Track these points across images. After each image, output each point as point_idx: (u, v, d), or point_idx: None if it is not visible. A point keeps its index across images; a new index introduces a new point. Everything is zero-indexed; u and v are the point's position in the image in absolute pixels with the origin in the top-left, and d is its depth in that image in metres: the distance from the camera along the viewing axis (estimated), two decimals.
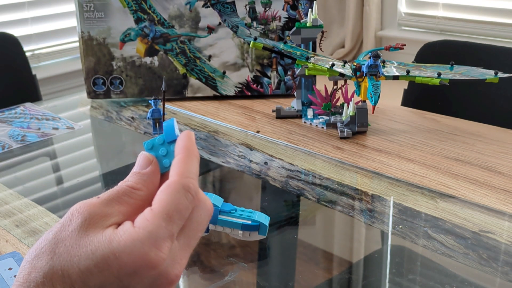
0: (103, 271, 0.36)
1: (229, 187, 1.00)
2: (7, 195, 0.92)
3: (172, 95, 1.31)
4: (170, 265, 0.38)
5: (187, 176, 0.39)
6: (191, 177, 0.39)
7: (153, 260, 0.36)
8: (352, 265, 0.76)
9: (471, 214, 0.82)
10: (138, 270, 0.36)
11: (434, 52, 1.41)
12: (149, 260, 0.36)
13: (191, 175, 0.40)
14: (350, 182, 0.92)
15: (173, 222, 0.38)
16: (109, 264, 0.36)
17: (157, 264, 0.37)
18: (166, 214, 0.38)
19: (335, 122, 1.12)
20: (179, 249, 0.39)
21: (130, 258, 0.36)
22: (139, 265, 0.36)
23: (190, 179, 0.39)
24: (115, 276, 0.36)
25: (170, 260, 0.38)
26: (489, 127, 1.12)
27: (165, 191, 0.39)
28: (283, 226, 0.84)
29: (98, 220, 0.38)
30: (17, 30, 2.26)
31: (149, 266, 0.36)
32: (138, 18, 1.26)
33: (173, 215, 0.38)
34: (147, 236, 0.37)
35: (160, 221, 0.37)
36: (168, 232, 0.37)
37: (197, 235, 0.40)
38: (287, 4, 1.27)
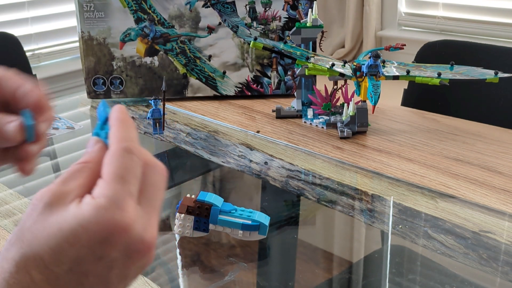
0: (74, 244, 0.36)
1: (229, 187, 1.00)
2: (7, 195, 0.92)
3: (172, 95, 1.31)
4: (141, 229, 0.38)
5: (126, 140, 0.40)
6: (130, 141, 0.40)
7: (120, 223, 0.36)
8: (352, 265, 0.76)
9: (471, 214, 0.82)
10: (108, 236, 0.36)
11: (434, 52, 1.41)
12: (116, 223, 0.36)
13: (129, 139, 0.40)
14: (350, 182, 0.92)
15: (127, 182, 0.38)
16: (78, 236, 0.36)
17: (127, 226, 0.36)
18: (118, 177, 0.38)
19: (335, 122, 1.12)
20: (144, 212, 0.39)
21: (98, 226, 0.36)
22: (108, 231, 0.36)
23: (130, 142, 0.40)
24: (87, 247, 0.36)
25: (139, 224, 0.38)
26: (489, 127, 1.12)
27: (109, 159, 0.39)
28: (283, 226, 0.84)
29: (59, 199, 0.38)
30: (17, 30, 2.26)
31: (118, 229, 0.36)
32: (138, 18, 1.26)
33: (124, 175, 0.38)
34: (108, 201, 0.37)
35: (114, 185, 0.37)
36: (126, 192, 0.37)
37: (158, 197, 0.40)
38: (287, 4, 1.27)
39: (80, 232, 0.36)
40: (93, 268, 0.36)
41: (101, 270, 0.37)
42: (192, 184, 1.00)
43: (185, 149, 1.08)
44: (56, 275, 0.36)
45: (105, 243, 0.36)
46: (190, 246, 0.77)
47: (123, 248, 0.37)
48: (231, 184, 1.00)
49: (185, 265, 0.75)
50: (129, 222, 0.37)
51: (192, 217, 0.74)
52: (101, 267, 0.37)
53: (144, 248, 0.38)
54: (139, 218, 0.38)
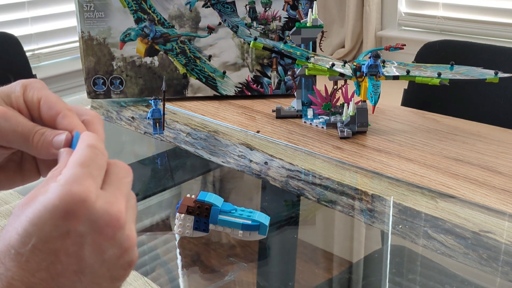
0: (38, 224, 0.36)
1: (229, 187, 1.00)
2: (7, 195, 0.92)
3: (172, 95, 1.31)
4: (104, 202, 0.38)
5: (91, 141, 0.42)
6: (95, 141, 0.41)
7: (78, 193, 0.36)
8: (352, 265, 0.76)
9: (471, 214, 0.82)
10: (68, 209, 0.36)
11: (434, 52, 1.41)
12: (73, 194, 0.36)
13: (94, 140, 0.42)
14: (350, 182, 0.92)
15: (87, 166, 0.39)
16: (41, 216, 0.36)
17: (85, 197, 0.36)
18: (78, 162, 0.39)
19: (335, 122, 1.12)
20: (108, 192, 0.39)
21: (57, 201, 0.36)
22: (66, 203, 0.36)
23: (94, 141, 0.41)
24: (50, 224, 0.36)
25: (101, 197, 0.38)
26: (489, 127, 1.12)
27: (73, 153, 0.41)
28: (283, 226, 0.84)
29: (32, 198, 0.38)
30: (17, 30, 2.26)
31: (76, 200, 0.36)
32: (138, 18, 1.26)
33: (85, 162, 0.39)
34: (66, 178, 0.37)
35: (74, 167, 0.38)
36: (86, 173, 0.38)
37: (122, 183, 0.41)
38: (287, 4, 1.27)
39: (42, 211, 0.36)
40: (62, 245, 0.36)
41: (71, 247, 0.36)
42: (192, 184, 1.00)
43: (185, 149, 1.08)
44: (26, 258, 0.36)
45: (67, 217, 0.36)
46: (190, 246, 0.77)
47: (88, 220, 0.37)
48: (231, 184, 1.00)
49: (185, 265, 0.75)
50: (86, 193, 0.37)
51: (192, 217, 0.74)
52: (71, 243, 0.36)
53: (112, 220, 0.37)
54: (101, 193, 0.38)
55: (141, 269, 0.73)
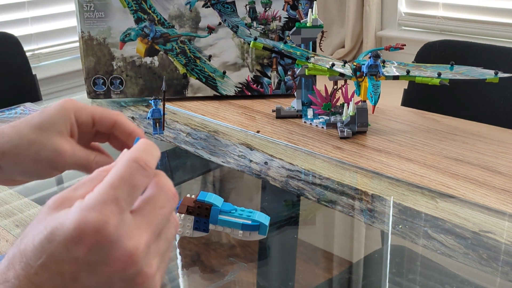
0: (52, 242, 0.36)
1: (229, 187, 1.00)
2: (7, 195, 0.92)
3: (172, 95, 1.31)
4: (122, 234, 0.36)
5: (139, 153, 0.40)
6: (143, 154, 0.40)
7: (93, 222, 0.35)
8: (352, 265, 0.76)
9: (471, 214, 0.82)
10: (81, 236, 0.35)
11: (434, 52, 1.41)
12: (88, 222, 0.35)
13: (143, 153, 0.40)
14: (350, 182, 0.92)
15: (117, 188, 0.37)
16: (56, 233, 0.36)
17: (99, 226, 0.35)
18: (110, 183, 0.37)
19: (335, 122, 1.12)
20: (133, 222, 0.37)
21: (72, 224, 0.35)
22: (80, 229, 0.35)
23: (142, 155, 0.39)
24: (63, 245, 0.36)
25: (120, 229, 0.36)
26: (489, 127, 1.12)
27: (115, 166, 0.39)
28: (283, 226, 0.84)
29: (61, 204, 0.38)
30: (17, 30, 2.26)
31: (90, 228, 0.35)
32: (138, 18, 1.26)
33: (117, 182, 0.37)
34: (89, 202, 0.36)
35: (103, 189, 0.37)
36: (111, 196, 0.36)
37: (155, 214, 0.39)
38: (287, 4, 1.27)
39: (58, 229, 0.36)
40: (69, 269, 0.36)
41: (78, 272, 0.36)
42: (192, 184, 1.00)
43: (185, 149, 1.08)
44: (35, 271, 0.36)
45: (78, 242, 0.35)
46: (190, 246, 0.77)
47: (99, 249, 0.36)
48: (231, 184, 1.00)
49: (185, 265, 0.75)
50: (102, 223, 0.35)
51: (192, 217, 0.74)
52: (78, 269, 0.36)
53: (124, 256, 0.36)
54: (123, 223, 0.37)
55: None
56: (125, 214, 0.37)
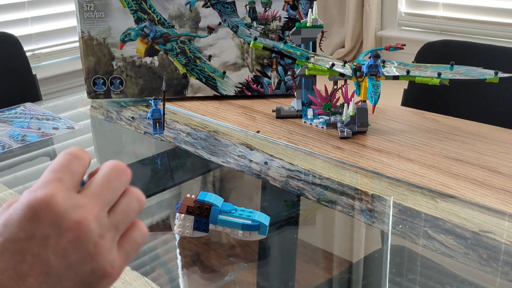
0: (8, 226, 0.38)
1: (229, 187, 1.00)
2: (7, 195, 0.92)
3: (172, 95, 1.31)
4: (69, 205, 0.39)
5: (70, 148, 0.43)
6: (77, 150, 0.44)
7: (41, 196, 0.38)
8: (352, 265, 0.76)
9: (471, 214, 0.82)
10: (33, 212, 0.38)
11: (434, 52, 1.41)
12: (36, 197, 0.38)
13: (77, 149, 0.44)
14: (350, 182, 0.92)
15: (58, 171, 0.41)
16: (10, 218, 0.38)
17: (47, 199, 0.38)
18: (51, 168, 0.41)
19: (335, 122, 1.12)
20: (80, 196, 0.40)
21: (23, 205, 0.38)
22: (31, 206, 0.38)
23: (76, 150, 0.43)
24: (18, 226, 0.38)
25: (67, 200, 0.39)
26: (489, 127, 1.12)
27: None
28: (283, 226, 0.84)
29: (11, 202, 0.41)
30: (17, 30, 2.26)
31: (39, 202, 0.38)
32: (138, 18, 1.26)
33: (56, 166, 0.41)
34: (34, 185, 0.40)
35: (45, 173, 0.41)
36: (54, 177, 0.40)
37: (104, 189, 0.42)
38: (287, 4, 1.27)
39: (12, 214, 0.38)
40: (27, 246, 0.37)
41: (36, 248, 0.38)
42: (192, 184, 1.00)
43: (185, 149, 1.08)
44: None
45: (32, 219, 0.38)
46: (190, 246, 0.77)
47: (51, 222, 0.38)
48: (231, 184, 1.00)
49: (185, 265, 0.75)
50: (49, 196, 0.38)
51: (192, 217, 0.74)
52: (36, 245, 0.38)
53: (73, 224, 0.38)
54: (70, 197, 0.39)
55: (141, 269, 0.73)
56: (70, 191, 0.40)
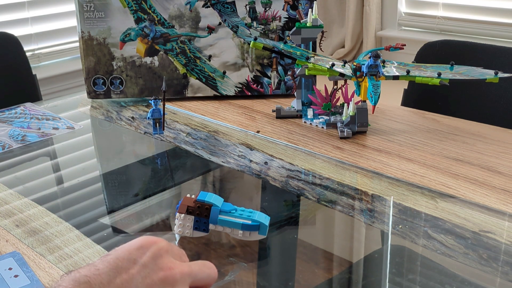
0: (117, 250, 0.50)
1: (229, 187, 1.00)
2: (7, 195, 0.92)
3: (172, 95, 1.31)
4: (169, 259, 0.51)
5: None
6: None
7: (151, 238, 0.51)
8: (352, 265, 0.76)
9: (471, 214, 0.82)
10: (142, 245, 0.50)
11: (434, 52, 1.41)
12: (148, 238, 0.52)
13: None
14: (350, 182, 0.93)
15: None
16: (121, 247, 0.50)
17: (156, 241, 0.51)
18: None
19: (335, 122, 1.12)
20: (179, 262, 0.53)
21: (135, 241, 0.51)
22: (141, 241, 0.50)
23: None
24: (125, 251, 0.49)
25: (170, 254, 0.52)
26: (489, 127, 1.12)
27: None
28: (283, 226, 0.84)
29: None
30: (17, 30, 2.26)
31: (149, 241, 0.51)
32: (138, 18, 1.26)
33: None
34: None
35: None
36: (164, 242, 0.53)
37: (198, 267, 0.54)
38: (287, 4, 1.27)
39: (128, 243, 0.50)
40: (127, 266, 0.48)
41: (133, 270, 0.48)
42: (192, 184, 1.00)
43: (185, 149, 1.08)
44: (97, 267, 0.47)
45: (140, 248, 0.49)
46: (190, 246, 0.77)
47: (152, 257, 0.49)
48: (231, 184, 1.00)
49: None
50: (159, 240, 0.51)
51: (192, 217, 0.74)
52: (134, 268, 0.48)
53: (166, 268, 0.49)
54: (172, 254, 0.52)
55: None
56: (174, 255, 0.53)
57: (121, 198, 0.93)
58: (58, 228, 0.81)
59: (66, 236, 0.79)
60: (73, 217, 0.85)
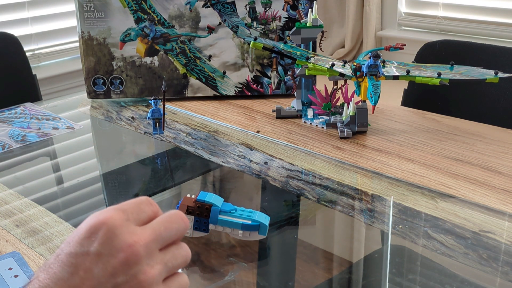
0: (69, 242, 0.43)
1: (229, 187, 1.00)
2: (7, 195, 0.92)
3: (172, 95, 1.31)
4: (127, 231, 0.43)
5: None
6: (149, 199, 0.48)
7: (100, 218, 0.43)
8: (352, 265, 0.76)
9: (471, 214, 0.82)
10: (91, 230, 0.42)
11: (434, 52, 1.41)
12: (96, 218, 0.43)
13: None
14: (350, 182, 0.92)
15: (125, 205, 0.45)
16: (72, 236, 0.43)
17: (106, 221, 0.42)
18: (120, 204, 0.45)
19: (335, 122, 1.12)
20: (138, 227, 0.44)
21: (84, 224, 0.43)
22: (90, 225, 0.43)
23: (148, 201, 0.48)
24: (77, 242, 0.43)
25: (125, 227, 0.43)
26: (489, 127, 1.12)
27: None
28: (283, 226, 0.84)
29: None
30: (17, 30, 2.26)
31: (99, 223, 0.42)
32: (138, 18, 1.26)
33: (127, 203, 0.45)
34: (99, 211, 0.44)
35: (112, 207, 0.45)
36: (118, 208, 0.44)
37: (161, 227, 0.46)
38: (287, 4, 1.27)
39: (74, 232, 0.44)
40: (81, 261, 0.42)
41: (89, 263, 0.42)
42: (192, 184, 1.00)
43: (185, 149, 1.08)
44: (53, 269, 0.42)
45: (89, 236, 0.42)
46: (190, 246, 0.76)
47: (106, 241, 0.42)
48: (231, 184, 1.00)
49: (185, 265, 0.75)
50: (108, 218, 0.43)
51: (192, 217, 0.74)
52: (89, 260, 0.42)
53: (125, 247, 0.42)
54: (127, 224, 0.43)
55: None
56: (130, 221, 0.44)
57: (121, 198, 0.93)
58: (58, 228, 0.81)
59: (66, 236, 0.79)
60: (73, 217, 0.85)
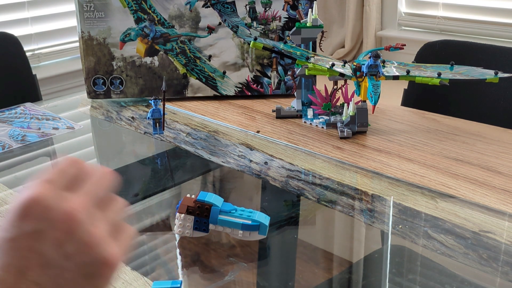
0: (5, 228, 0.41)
1: (229, 187, 1.00)
2: (7, 195, 0.92)
3: (172, 95, 1.31)
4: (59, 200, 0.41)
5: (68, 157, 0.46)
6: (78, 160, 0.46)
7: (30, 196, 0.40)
8: (352, 265, 0.76)
9: (471, 214, 0.82)
10: (23, 210, 0.40)
11: (434, 52, 1.41)
12: (25, 198, 0.40)
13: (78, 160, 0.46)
14: (350, 182, 0.92)
15: (48, 174, 0.43)
16: (6, 220, 0.41)
17: (36, 198, 0.40)
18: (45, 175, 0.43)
19: (335, 122, 1.12)
20: (69, 193, 0.42)
21: (14, 206, 0.41)
22: (20, 206, 0.40)
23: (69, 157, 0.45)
24: (12, 226, 0.40)
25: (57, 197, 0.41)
26: (489, 127, 1.12)
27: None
28: (283, 226, 0.84)
29: None
30: (17, 30, 2.26)
31: (30, 202, 0.40)
32: (138, 18, 1.26)
33: (49, 174, 0.43)
34: (24, 189, 0.42)
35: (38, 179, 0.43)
36: (44, 179, 0.42)
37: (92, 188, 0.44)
38: (287, 4, 1.27)
39: (6, 217, 0.41)
40: (21, 242, 0.40)
41: (30, 243, 0.40)
42: (192, 184, 1.00)
43: (185, 149, 1.08)
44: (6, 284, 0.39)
45: (23, 216, 0.40)
46: (190, 246, 0.77)
47: (44, 217, 0.40)
48: (231, 184, 1.00)
49: (185, 265, 0.75)
50: (38, 194, 0.40)
51: (192, 217, 0.74)
52: (32, 240, 0.40)
53: (63, 215, 0.40)
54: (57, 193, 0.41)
55: (141, 269, 0.73)
56: (59, 189, 0.42)
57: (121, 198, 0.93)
58: None
59: None
60: None
